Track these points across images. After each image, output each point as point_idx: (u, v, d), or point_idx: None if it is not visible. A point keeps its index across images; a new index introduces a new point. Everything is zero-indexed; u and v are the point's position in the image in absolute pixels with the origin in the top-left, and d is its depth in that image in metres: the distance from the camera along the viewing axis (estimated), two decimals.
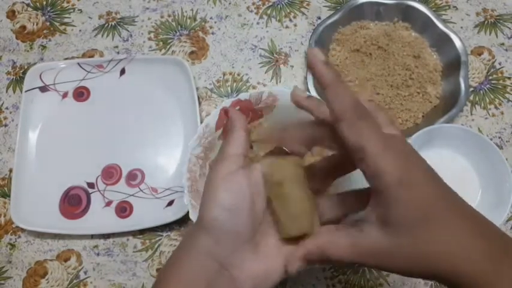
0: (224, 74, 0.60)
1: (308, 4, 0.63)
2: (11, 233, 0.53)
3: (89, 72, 0.58)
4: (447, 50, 0.57)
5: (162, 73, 0.57)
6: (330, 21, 0.59)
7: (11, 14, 0.64)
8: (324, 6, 0.63)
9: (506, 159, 0.49)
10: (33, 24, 0.63)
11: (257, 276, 0.30)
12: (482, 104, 0.58)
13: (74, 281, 0.51)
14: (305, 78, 0.57)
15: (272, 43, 0.61)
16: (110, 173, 0.55)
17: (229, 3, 0.63)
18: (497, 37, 0.61)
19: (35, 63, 0.60)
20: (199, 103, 0.56)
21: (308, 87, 0.55)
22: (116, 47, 0.61)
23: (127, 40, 0.61)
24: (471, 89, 0.58)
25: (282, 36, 0.61)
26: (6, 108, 0.59)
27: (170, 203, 0.53)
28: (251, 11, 0.63)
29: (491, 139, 0.55)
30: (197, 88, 0.57)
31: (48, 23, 0.63)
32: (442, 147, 0.52)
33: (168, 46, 0.61)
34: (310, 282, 0.51)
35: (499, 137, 0.56)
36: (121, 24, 0.62)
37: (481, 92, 0.59)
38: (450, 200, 0.27)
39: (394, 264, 0.27)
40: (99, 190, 0.54)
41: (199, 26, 0.62)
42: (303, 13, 0.63)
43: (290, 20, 0.62)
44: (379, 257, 0.28)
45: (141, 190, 0.54)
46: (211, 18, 0.62)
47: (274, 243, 0.32)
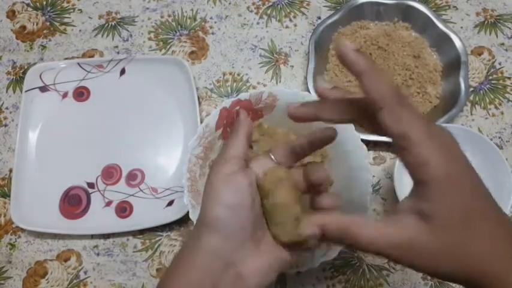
0: (224, 74, 0.60)
1: (308, 4, 0.63)
2: (11, 233, 0.53)
3: (89, 72, 0.58)
4: (447, 50, 0.57)
5: (162, 73, 0.57)
6: (330, 21, 0.59)
7: (11, 14, 0.64)
8: (324, 6, 0.63)
9: (506, 159, 0.49)
10: (33, 24, 0.63)
11: (261, 271, 0.31)
12: (482, 104, 0.58)
13: (74, 281, 0.51)
14: (305, 78, 0.57)
15: (272, 43, 0.61)
16: (110, 173, 0.55)
17: (229, 3, 0.63)
18: (497, 37, 0.61)
19: (35, 63, 0.60)
20: (199, 103, 0.56)
21: (308, 87, 0.55)
22: (116, 47, 0.61)
23: (127, 40, 0.61)
24: (471, 89, 0.58)
25: (282, 36, 0.61)
26: (6, 108, 0.59)
27: (170, 203, 0.53)
28: (251, 11, 0.63)
29: (491, 139, 0.55)
30: (197, 88, 0.57)
31: (48, 23, 0.63)
32: None
33: (168, 46, 0.61)
34: (310, 282, 0.51)
35: (499, 137, 0.56)
36: (121, 24, 0.62)
37: (481, 92, 0.59)
38: (490, 200, 0.27)
39: (429, 261, 0.26)
40: (99, 190, 0.54)
41: (199, 26, 0.62)
42: (303, 13, 0.63)
43: (290, 20, 0.62)
44: (413, 252, 0.26)
45: (141, 190, 0.54)
46: (211, 18, 0.62)
47: (271, 239, 0.33)
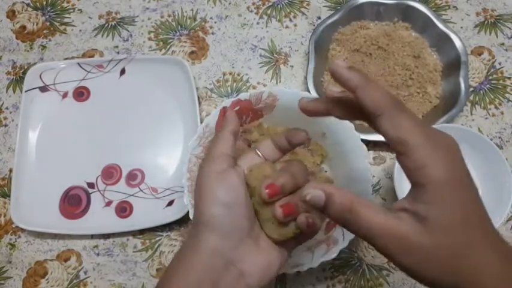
0: (224, 74, 0.60)
1: (308, 4, 0.63)
2: (11, 233, 0.53)
3: (89, 72, 0.58)
4: (447, 50, 0.57)
5: (162, 73, 0.57)
6: (330, 21, 0.59)
7: (11, 14, 0.64)
8: (324, 6, 0.63)
9: (506, 159, 0.49)
10: (33, 24, 0.63)
11: (262, 268, 0.31)
12: (482, 104, 0.58)
13: (74, 281, 0.51)
14: (305, 78, 0.56)
15: (272, 43, 0.61)
16: (110, 173, 0.55)
17: (229, 3, 0.63)
18: (497, 37, 0.61)
19: (35, 63, 0.60)
20: (199, 103, 0.56)
21: (308, 87, 0.55)
22: (116, 47, 0.61)
23: (127, 40, 0.61)
24: (471, 89, 0.58)
25: (282, 36, 0.61)
26: (6, 108, 0.59)
27: (170, 203, 0.53)
28: (251, 11, 0.63)
29: (491, 139, 0.55)
30: (197, 88, 0.57)
31: (48, 23, 0.63)
32: None
33: (168, 46, 0.61)
34: (310, 282, 0.51)
35: (499, 137, 0.56)
36: (121, 24, 0.62)
37: (481, 92, 0.59)
38: (483, 209, 0.27)
39: (419, 261, 0.26)
40: (99, 190, 0.54)
41: (199, 26, 0.62)
42: (303, 13, 0.63)
43: (290, 20, 0.62)
44: (406, 248, 0.26)
45: (141, 190, 0.54)
46: (211, 18, 0.62)
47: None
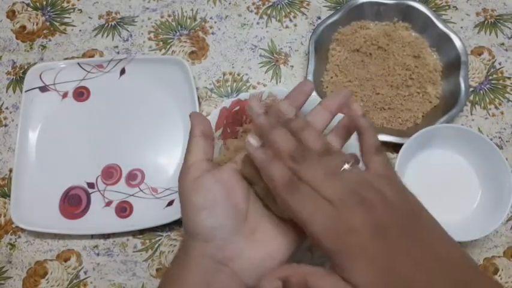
0: (224, 74, 0.60)
1: (308, 4, 0.63)
2: (11, 233, 0.53)
3: (89, 72, 0.58)
4: (447, 50, 0.57)
5: (162, 73, 0.57)
6: (330, 21, 0.58)
7: (11, 14, 0.64)
8: (324, 6, 0.63)
9: (506, 159, 0.49)
10: (33, 24, 0.63)
11: (260, 262, 0.31)
12: (482, 104, 0.58)
13: (74, 281, 0.51)
14: (305, 78, 0.56)
15: (272, 43, 0.61)
16: (110, 173, 0.55)
17: (229, 3, 0.63)
18: (497, 37, 0.61)
19: (35, 63, 0.60)
20: (199, 103, 0.56)
21: None
22: (116, 47, 0.61)
23: (127, 40, 0.61)
24: (471, 89, 0.58)
25: (282, 36, 0.61)
26: (6, 108, 0.59)
27: (170, 203, 0.53)
28: (251, 11, 0.63)
29: (491, 139, 0.55)
30: (197, 88, 0.57)
31: (48, 23, 0.63)
32: (442, 147, 0.52)
33: (168, 46, 0.61)
34: None
35: (499, 137, 0.56)
36: (121, 24, 0.62)
37: (481, 92, 0.58)
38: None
39: None
40: (99, 190, 0.54)
41: (199, 26, 0.62)
42: (303, 13, 0.63)
43: (290, 20, 0.62)
44: None
45: (141, 190, 0.54)
46: (211, 18, 0.62)
47: (270, 226, 0.33)
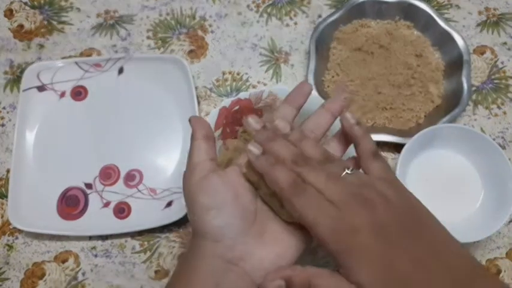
0: (224, 73, 0.59)
1: (309, 2, 0.63)
2: (9, 234, 0.53)
3: (87, 71, 0.57)
4: (449, 49, 0.57)
5: (161, 72, 0.56)
6: (331, 19, 0.58)
7: (9, 13, 0.63)
8: (325, 4, 0.62)
9: (509, 159, 0.48)
10: (30, 23, 0.62)
11: (269, 262, 0.31)
12: (484, 104, 0.57)
13: (72, 283, 0.51)
14: (305, 77, 0.56)
15: (272, 42, 0.61)
16: (108, 174, 0.54)
17: (228, 1, 0.63)
18: (499, 36, 0.60)
19: (33, 62, 0.59)
20: (198, 102, 0.56)
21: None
22: (114, 46, 0.61)
23: (125, 39, 0.61)
24: (473, 89, 0.58)
25: (282, 34, 0.61)
26: (3, 107, 0.58)
27: (169, 204, 0.52)
28: (251, 9, 0.62)
29: (493, 139, 0.55)
30: (196, 87, 0.57)
31: (45, 22, 0.62)
32: (445, 147, 0.52)
33: (167, 45, 0.61)
34: None
35: (502, 137, 0.56)
36: (119, 22, 0.62)
37: (484, 92, 0.58)
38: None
39: None
40: (97, 191, 0.53)
41: (198, 25, 0.62)
42: (304, 11, 0.62)
43: (290, 19, 0.62)
44: None
45: (140, 191, 0.53)
46: (210, 16, 0.62)
47: (278, 226, 0.33)
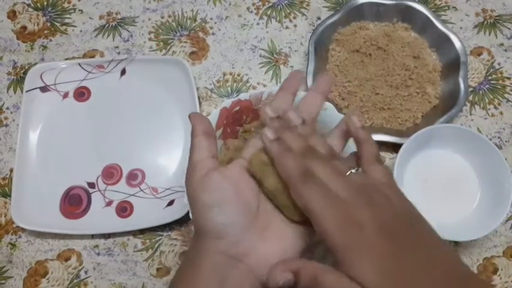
0: (224, 74, 0.60)
1: (308, 5, 0.63)
2: (12, 233, 0.54)
3: (90, 72, 0.58)
4: (447, 51, 0.57)
5: (163, 73, 0.57)
6: (330, 21, 0.59)
7: (12, 15, 0.64)
8: (324, 6, 0.63)
9: (505, 159, 0.49)
10: (34, 24, 0.63)
11: (273, 257, 0.31)
12: (481, 104, 0.58)
13: (75, 281, 0.52)
14: (304, 78, 0.57)
15: (272, 43, 0.61)
16: (111, 173, 0.55)
17: (229, 3, 0.63)
18: (496, 37, 0.61)
19: (36, 63, 0.60)
20: (199, 103, 0.56)
21: (308, 87, 0.55)
22: (117, 48, 0.61)
23: (127, 40, 0.62)
24: (470, 89, 0.58)
25: (282, 36, 0.62)
26: (7, 108, 0.59)
27: (170, 203, 0.53)
28: (251, 12, 0.63)
29: (490, 139, 0.55)
30: (197, 88, 0.58)
31: (49, 24, 0.63)
32: (442, 147, 0.52)
33: (169, 46, 0.61)
34: None
35: (499, 137, 0.56)
36: (121, 24, 0.62)
37: (481, 92, 0.59)
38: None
39: None
40: (99, 190, 0.54)
41: (199, 27, 0.62)
42: (303, 14, 0.63)
43: (290, 21, 0.62)
44: None
45: (142, 190, 0.54)
46: (211, 18, 0.63)
47: (281, 220, 0.33)
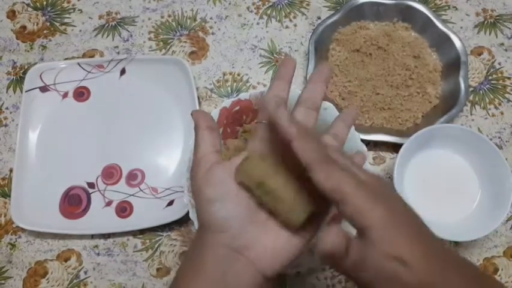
0: (224, 74, 0.60)
1: (308, 4, 0.63)
2: (12, 233, 0.54)
3: (89, 72, 0.58)
4: (447, 50, 0.57)
5: (162, 73, 0.57)
6: (330, 21, 0.59)
7: (11, 14, 0.64)
8: (324, 6, 0.63)
9: (506, 159, 0.49)
10: (33, 24, 0.63)
11: (273, 251, 0.32)
12: (482, 104, 0.58)
13: (74, 281, 0.51)
14: (305, 78, 0.57)
15: (272, 43, 0.61)
16: (110, 173, 0.55)
17: (229, 3, 0.63)
18: (496, 37, 0.61)
19: (35, 63, 0.60)
20: (199, 103, 0.56)
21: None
22: (116, 47, 0.61)
23: (127, 40, 0.61)
24: (471, 89, 0.58)
25: (282, 36, 0.62)
26: (6, 108, 0.59)
27: (170, 203, 0.53)
28: (251, 11, 0.63)
29: (491, 139, 0.55)
30: (197, 88, 0.58)
31: (48, 23, 0.63)
32: (442, 147, 0.52)
33: (168, 46, 0.61)
34: (310, 282, 0.51)
35: (499, 137, 0.56)
36: (121, 24, 0.62)
37: (481, 92, 0.59)
38: (432, 243, 0.28)
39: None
40: (99, 190, 0.54)
41: (199, 26, 0.62)
42: (303, 13, 0.63)
43: (290, 20, 0.62)
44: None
45: (141, 190, 0.54)
46: (211, 18, 0.63)
47: None
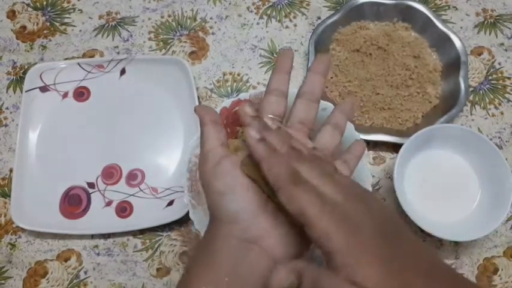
0: (224, 74, 0.60)
1: (308, 4, 0.63)
2: (11, 233, 0.54)
3: (89, 72, 0.58)
4: (447, 50, 0.57)
5: (162, 73, 0.57)
6: (330, 21, 0.59)
7: (11, 14, 0.64)
8: (324, 6, 0.63)
9: (506, 159, 0.49)
10: (33, 24, 0.63)
11: (287, 240, 0.31)
12: (482, 104, 0.58)
13: (74, 281, 0.52)
14: (305, 78, 0.56)
15: (272, 43, 0.61)
16: (110, 173, 0.55)
17: (229, 3, 0.63)
18: (496, 37, 0.61)
19: (35, 63, 0.60)
20: (199, 103, 0.56)
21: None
22: (116, 47, 0.61)
23: (127, 40, 0.61)
24: (471, 89, 0.58)
25: (282, 36, 0.62)
26: (6, 108, 0.59)
27: (170, 203, 0.53)
28: (251, 11, 0.63)
29: (491, 139, 0.55)
30: (197, 88, 0.58)
31: (48, 23, 0.63)
32: (442, 147, 0.52)
33: (168, 46, 0.61)
34: None
35: (499, 137, 0.56)
36: (121, 24, 0.62)
37: (481, 92, 0.59)
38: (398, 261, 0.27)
39: None
40: (99, 190, 0.54)
41: (199, 26, 0.62)
42: (303, 13, 0.63)
43: (290, 20, 0.62)
44: None
45: (141, 190, 0.54)
46: (211, 18, 0.63)
47: None
